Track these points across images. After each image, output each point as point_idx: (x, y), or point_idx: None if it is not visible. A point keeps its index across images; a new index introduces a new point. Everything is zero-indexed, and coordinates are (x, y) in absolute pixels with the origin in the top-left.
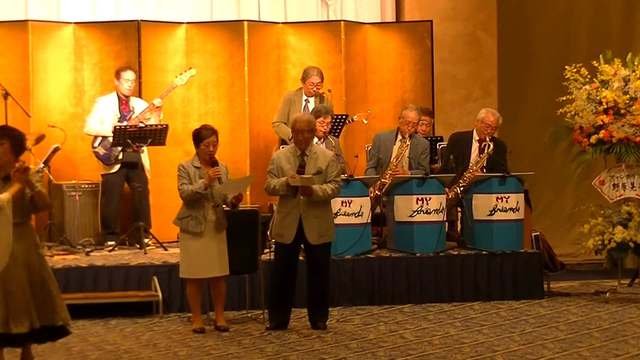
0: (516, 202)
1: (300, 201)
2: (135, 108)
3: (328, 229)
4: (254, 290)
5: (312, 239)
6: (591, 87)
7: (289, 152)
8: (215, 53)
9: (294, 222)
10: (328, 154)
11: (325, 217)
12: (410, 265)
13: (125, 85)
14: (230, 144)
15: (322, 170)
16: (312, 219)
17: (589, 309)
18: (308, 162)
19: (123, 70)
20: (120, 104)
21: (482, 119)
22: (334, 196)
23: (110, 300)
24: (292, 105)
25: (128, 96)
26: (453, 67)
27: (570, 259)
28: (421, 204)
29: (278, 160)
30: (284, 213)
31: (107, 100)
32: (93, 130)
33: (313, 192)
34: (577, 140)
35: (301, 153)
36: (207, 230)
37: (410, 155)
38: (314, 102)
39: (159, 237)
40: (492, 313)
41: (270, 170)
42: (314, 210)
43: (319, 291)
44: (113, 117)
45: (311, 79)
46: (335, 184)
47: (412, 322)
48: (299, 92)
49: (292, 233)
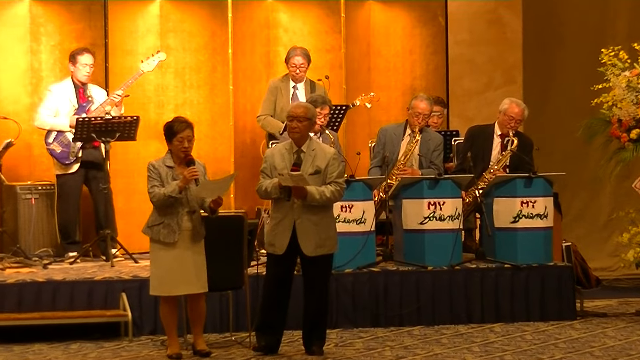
0: (544, 207)
1: (295, 205)
2: (95, 97)
3: (327, 239)
4: (238, 310)
5: (307, 250)
6: (632, 74)
7: (284, 149)
8: (194, 33)
9: (287, 229)
10: (329, 151)
11: (325, 225)
12: (420, 280)
13: (83, 71)
14: (212, 139)
15: (320, 169)
16: (308, 226)
17: (628, 331)
18: (305, 159)
19: (79, 54)
20: (77, 92)
21: (505, 111)
22: (335, 200)
23: (71, 321)
24: (279, 94)
25: (85, 83)
26: (471, 50)
27: (607, 273)
28: (433, 209)
29: (271, 158)
30: (277, 219)
31: (62, 88)
32: (47, 123)
33: (308, 194)
34: (615, 135)
35: (297, 149)
36: (182, 240)
37: (420, 152)
38: (303, 88)
39: (128, 247)
40: (516, 336)
41: (262, 170)
42: (310, 216)
43: (315, 311)
44: (69, 108)
45: (293, 60)
46: (336, 186)
47: (422, 346)
48: (285, 78)
49: (285, 242)
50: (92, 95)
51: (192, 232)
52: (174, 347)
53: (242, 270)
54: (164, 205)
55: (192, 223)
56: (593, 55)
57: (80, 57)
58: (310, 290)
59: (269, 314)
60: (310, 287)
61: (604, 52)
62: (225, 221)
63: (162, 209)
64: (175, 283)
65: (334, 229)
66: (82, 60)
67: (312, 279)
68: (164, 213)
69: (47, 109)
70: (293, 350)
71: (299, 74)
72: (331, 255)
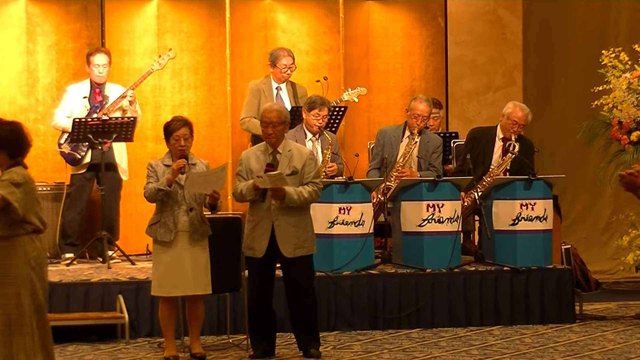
0: (544, 209)
1: (272, 207)
2: (111, 96)
3: (306, 240)
4: (236, 312)
5: (286, 252)
6: (632, 76)
7: (259, 151)
8: (191, 33)
9: (266, 232)
10: (304, 151)
11: (303, 226)
12: (419, 283)
13: (96, 72)
14: (209, 140)
15: (297, 170)
16: (287, 228)
17: (628, 334)
18: (281, 160)
19: (92, 55)
20: (93, 92)
21: (509, 115)
22: (313, 201)
23: (67, 323)
24: (262, 96)
25: (102, 83)
26: (471, 50)
27: (607, 276)
28: (432, 212)
29: (247, 161)
30: (254, 222)
31: (78, 89)
32: (60, 125)
33: (286, 195)
34: (616, 137)
35: (273, 151)
36: (180, 240)
37: (419, 154)
38: (286, 89)
39: (125, 249)
40: (515, 339)
41: (238, 172)
42: (288, 218)
43: (303, 313)
44: (82, 109)
45: (282, 61)
46: (313, 186)
47: (421, 349)
48: (266, 80)
49: (264, 245)
50: (108, 95)
51: (190, 230)
52: (171, 349)
53: (239, 272)
54: (154, 200)
55: (190, 221)
56: (594, 57)
57: (93, 58)
58: (294, 293)
59: (256, 321)
60: (293, 289)
61: (605, 53)
62: (222, 223)
63: (159, 207)
64: (171, 284)
65: (311, 230)
66: (95, 61)
67: (294, 282)
68: (160, 211)
69: (63, 110)
70: (290, 353)
71: (289, 75)
72: (311, 257)
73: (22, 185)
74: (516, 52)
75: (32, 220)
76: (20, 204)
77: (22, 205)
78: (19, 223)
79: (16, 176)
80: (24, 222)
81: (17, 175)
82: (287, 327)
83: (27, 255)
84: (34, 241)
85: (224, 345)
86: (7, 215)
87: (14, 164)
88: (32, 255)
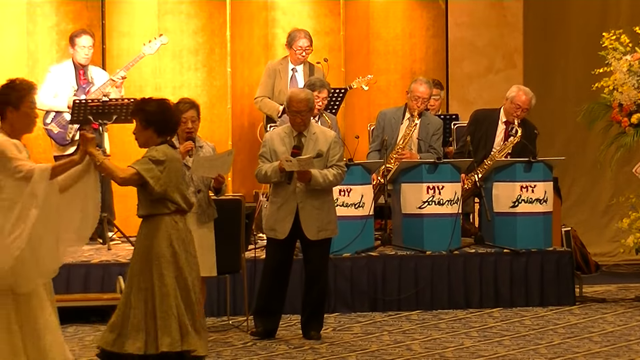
0: (544, 191)
1: (297, 189)
2: (95, 79)
3: (329, 222)
4: (236, 294)
5: (310, 234)
6: (633, 58)
7: (283, 133)
8: (191, 14)
9: (290, 214)
10: (329, 134)
11: (326, 209)
12: (419, 265)
13: (82, 53)
14: (209, 122)
15: (322, 153)
16: (311, 211)
17: (627, 317)
18: (306, 143)
19: (77, 36)
20: (77, 74)
21: (512, 99)
22: (337, 183)
23: (67, 304)
24: (277, 77)
25: (85, 65)
26: (471, 33)
27: (607, 258)
28: (432, 194)
29: (271, 142)
30: (277, 204)
31: (62, 70)
32: (45, 104)
33: (312, 178)
34: (616, 119)
35: (298, 133)
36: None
37: (419, 136)
38: (302, 71)
39: (125, 230)
40: (515, 322)
41: (261, 154)
42: (312, 200)
43: (316, 296)
44: (69, 90)
45: (298, 42)
46: (338, 169)
47: (420, 331)
48: (284, 61)
49: (287, 227)
50: (92, 77)
51: (197, 212)
52: None
53: (240, 254)
54: None
55: (198, 203)
56: (594, 39)
57: (78, 40)
58: (313, 274)
59: (268, 299)
60: (313, 271)
61: (605, 36)
62: (224, 205)
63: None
64: None
65: (334, 213)
66: (80, 43)
67: (313, 263)
68: None
69: (47, 90)
70: (290, 334)
71: (304, 57)
72: (331, 240)
73: (164, 163)
74: (517, 35)
75: (175, 199)
76: (157, 181)
77: (162, 183)
78: (162, 201)
79: (157, 153)
80: (167, 201)
81: (158, 152)
82: (286, 309)
83: (169, 235)
84: (176, 222)
85: (224, 327)
86: (148, 193)
87: (163, 142)
88: (174, 236)
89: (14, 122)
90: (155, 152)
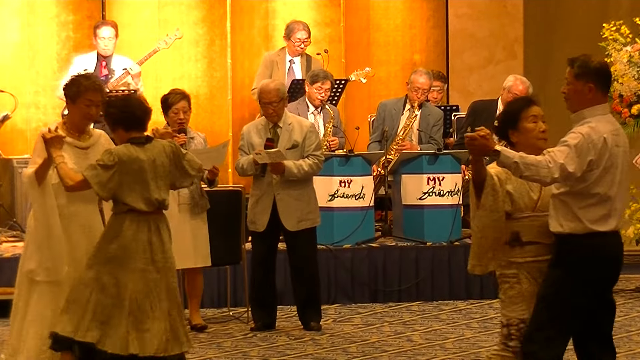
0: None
1: (274, 181)
2: (116, 71)
3: (310, 212)
4: (236, 285)
5: (289, 225)
6: (633, 49)
7: (260, 125)
8: (191, 5)
9: (268, 206)
10: (305, 124)
11: (306, 199)
12: (420, 256)
13: (102, 44)
14: (210, 113)
15: (298, 143)
16: (289, 201)
17: (628, 308)
18: (282, 134)
19: (98, 27)
20: (99, 64)
21: (509, 88)
22: (314, 173)
23: None
24: (275, 68)
25: (107, 56)
26: (472, 24)
27: None
28: (433, 185)
29: (248, 135)
30: (256, 196)
31: (84, 61)
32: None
33: (286, 169)
34: (616, 110)
35: (274, 125)
36: (180, 212)
37: (420, 127)
38: (300, 62)
39: None
40: None
41: (240, 147)
42: (290, 191)
43: (306, 286)
44: None
45: (297, 35)
46: (314, 159)
47: (421, 322)
48: (281, 52)
49: (265, 219)
50: (113, 68)
51: (190, 204)
52: None
53: (240, 245)
54: None
55: (191, 195)
56: (595, 30)
57: (99, 30)
58: (298, 266)
59: (258, 291)
60: (297, 263)
61: (606, 27)
62: (223, 195)
63: None
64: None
65: (315, 202)
66: (100, 34)
67: (298, 255)
68: None
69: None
70: (291, 325)
71: (303, 49)
72: (314, 229)
73: (114, 167)
74: (517, 26)
75: (125, 200)
76: (102, 186)
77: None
78: (116, 202)
79: (107, 157)
80: (119, 202)
81: (110, 155)
82: (287, 300)
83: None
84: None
85: (224, 318)
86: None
87: (131, 138)
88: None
89: (72, 115)
90: (107, 156)
